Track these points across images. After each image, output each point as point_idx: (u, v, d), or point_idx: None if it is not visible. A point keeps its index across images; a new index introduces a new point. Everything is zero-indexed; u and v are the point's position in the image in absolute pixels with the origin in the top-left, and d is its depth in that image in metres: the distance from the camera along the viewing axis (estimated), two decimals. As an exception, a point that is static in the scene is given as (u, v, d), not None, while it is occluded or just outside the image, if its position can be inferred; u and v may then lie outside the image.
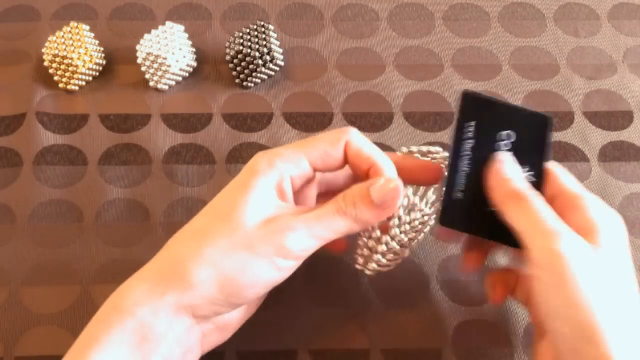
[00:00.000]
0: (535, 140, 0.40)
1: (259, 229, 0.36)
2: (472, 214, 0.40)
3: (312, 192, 0.43)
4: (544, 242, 0.35)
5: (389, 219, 0.40)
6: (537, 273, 0.35)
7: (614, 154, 0.55)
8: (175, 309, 0.36)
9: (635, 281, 0.36)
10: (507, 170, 0.39)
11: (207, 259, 0.36)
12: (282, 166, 0.38)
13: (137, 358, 0.35)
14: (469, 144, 0.40)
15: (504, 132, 0.40)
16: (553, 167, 0.40)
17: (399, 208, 0.40)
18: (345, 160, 0.40)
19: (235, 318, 0.40)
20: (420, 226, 0.42)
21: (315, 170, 0.40)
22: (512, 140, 0.40)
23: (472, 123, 0.40)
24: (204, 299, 0.36)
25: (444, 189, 0.40)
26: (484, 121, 0.40)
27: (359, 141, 0.39)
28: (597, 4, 0.65)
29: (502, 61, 0.60)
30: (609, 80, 0.59)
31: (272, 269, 0.37)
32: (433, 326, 0.46)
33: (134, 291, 0.37)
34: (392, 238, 0.41)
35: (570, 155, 0.55)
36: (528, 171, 0.40)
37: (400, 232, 0.41)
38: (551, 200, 0.38)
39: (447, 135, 0.55)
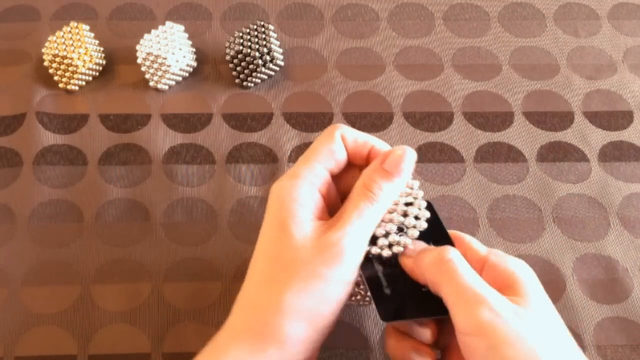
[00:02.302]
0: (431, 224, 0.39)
1: (318, 256, 0.36)
2: (408, 301, 0.38)
3: (334, 190, 0.42)
4: (469, 312, 0.34)
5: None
6: (468, 341, 0.34)
7: (614, 154, 0.55)
8: None
9: (562, 324, 0.36)
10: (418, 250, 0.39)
11: (292, 307, 0.36)
12: (303, 181, 0.38)
13: None
14: (374, 260, 0.39)
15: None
16: (457, 233, 0.40)
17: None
18: (347, 153, 0.40)
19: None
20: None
21: (330, 173, 0.40)
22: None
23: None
24: (300, 342, 0.36)
25: (369, 291, 0.39)
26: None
27: (352, 131, 0.40)
28: (597, 4, 0.65)
29: (502, 61, 0.60)
30: (609, 80, 0.59)
31: (343, 288, 0.37)
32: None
33: (234, 351, 0.36)
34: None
35: (570, 155, 0.55)
36: None
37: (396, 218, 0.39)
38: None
39: (447, 135, 0.55)
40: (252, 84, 0.57)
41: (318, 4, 0.63)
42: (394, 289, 0.38)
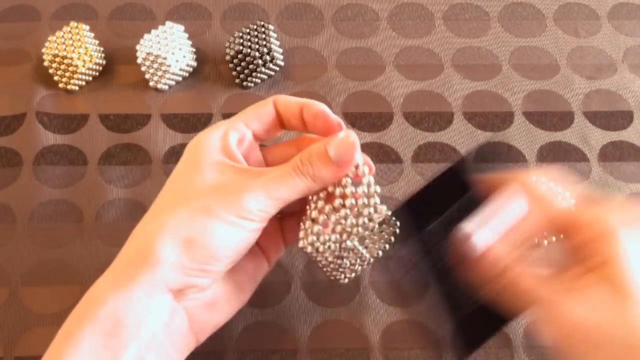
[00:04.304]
0: (459, 187, 0.37)
1: (215, 194, 0.36)
2: (483, 321, 0.37)
3: (259, 155, 0.42)
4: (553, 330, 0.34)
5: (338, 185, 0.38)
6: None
7: (614, 154, 0.55)
8: (149, 288, 0.35)
9: None
10: (474, 248, 0.36)
11: (169, 230, 0.36)
12: (221, 131, 0.39)
13: (114, 347, 0.34)
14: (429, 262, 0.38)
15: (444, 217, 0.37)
16: (523, 181, 0.38)
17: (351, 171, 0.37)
18: (280, 120, 0.40)
19: (221, 294, 0.39)
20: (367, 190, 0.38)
21: (254, 134, 0.40)
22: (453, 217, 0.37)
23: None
24: (173, 268, 0.35)
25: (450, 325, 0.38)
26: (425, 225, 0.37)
27: (285, 97, 0.40)
28: (597, 4, 0.65)
29: (502, 61, 0.60)
30: (609, 80, 0.59)
31: (236, 231, 0.36)
32: (433, 326, 0.46)
33: (104, 280, 0.36)
34: (344, 200, 0.37)
35: (570, 155, 0.55)
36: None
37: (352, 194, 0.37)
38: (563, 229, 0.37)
39: (447, 135, 0.55)
40: (252, 84, 0.57)
41: (318, 4, 0.63)
42: (465, 309, 0.37)
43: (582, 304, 0.34)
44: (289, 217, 0.42)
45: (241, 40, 0.56)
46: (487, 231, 0.36)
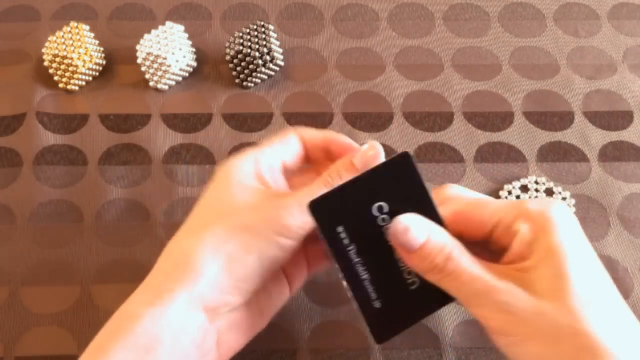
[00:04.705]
0: (410, 184, 0.35)
1: (253, 212, 0.37)
2: (400, 310, 0.37)
3: (284, 183, 0.42)
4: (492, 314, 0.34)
5: None
6: (498, 340, 0.34)
7: (614, 154, 0.55)
8: (186, 305, 0.35)
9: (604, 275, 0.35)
10: (412, 239, 0.35)
11: (208, 246, 0.36)
12: (252, 156, 0.39)
13: None
14: (351, 252, 0.36)
15: (375, 207, 0.35)
16: (448, 190, 0.39)
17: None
18: (306, 151, 0.41)
19: (247, 316, 0.39)
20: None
21: (285, 167, 0.41)
22: (387, 209, 0.35)
23: (339, 229, 0.35)
24: (212, 285, 0.35)
25: (358, 309, 0.37)
26: (348, 216, 0.35)
27: (309, 129, 0.41)
28: (597, 4, 0.65)
29: (502, 61, 0.60)
30: (609, 80, 0.59)
31: (274, 247, 0.36)
32: (433, 326, 0.46)
33: (139, 296, 0.36)
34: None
35: (570, 155, 0.55)
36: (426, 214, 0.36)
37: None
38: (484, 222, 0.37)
39: (447, 135, 0.55)
40: (252, 84, 0.57)
41: (318, 4, 0.63)
42: (383, 300, 0.36)
43: (526, 290, 0.33)
44: (314, 244, 0.42)
45: (241, 40, 0.56)
46: (425, 222, 0.35)
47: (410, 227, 0.35)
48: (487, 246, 0.37)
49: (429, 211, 0.36)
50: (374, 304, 0.37)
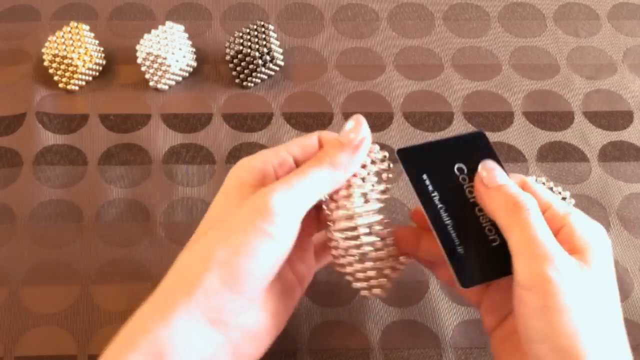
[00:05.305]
0: (486, 156, 0.39)
1: (241, 209, 0.36)
2: (482, 262, 0.38)
3: None
4: (533, 265, 0.34)
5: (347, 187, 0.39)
6: (523, 294, 0.34)
7: (614, 154, 0.55)
8: (187, 318, 0.34)
9: (618, 299, 0.36)
10: (497, 177, 0.38)
11: (200, 256, 0.36)
12: (261, 155, 0.39)
13: None
14: (435, 198, 0.38)
15: (456, 167, 0.39)
16: (526, 179, 0.39)
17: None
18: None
19: (262, 324, 0.38)
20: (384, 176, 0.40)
21: (295, 159, 0.40)
22: (466, 172, 0.39)
23: (424, 176, 0.39)
24: (208, 295, 0.35)
25: (444, 254, 0.38)
26: (433, 167, 0.39)
27: (329, 132, 0.41)
28: (597, 4, 0.65)
29: (502, 61, 0.60)
30: (609, 80, 0.59)
31: (266, 239, 0.35)
32: (433, 326, 0.46)
33: (147, 308, 0.36)
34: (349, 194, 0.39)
35: (570, 155, 0.55)
36: None
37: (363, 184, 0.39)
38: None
39: (447, 135, 0.55)
40: (252, 84, 0.57)
41: (318, 4, 0.63)
42: (466, 247, 0.38)
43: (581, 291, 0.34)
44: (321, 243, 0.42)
45: (241, 40, 0.56)
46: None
47: (498, 169, 0.38)
48: None
49: None
50: (458, 249, 0.38)
